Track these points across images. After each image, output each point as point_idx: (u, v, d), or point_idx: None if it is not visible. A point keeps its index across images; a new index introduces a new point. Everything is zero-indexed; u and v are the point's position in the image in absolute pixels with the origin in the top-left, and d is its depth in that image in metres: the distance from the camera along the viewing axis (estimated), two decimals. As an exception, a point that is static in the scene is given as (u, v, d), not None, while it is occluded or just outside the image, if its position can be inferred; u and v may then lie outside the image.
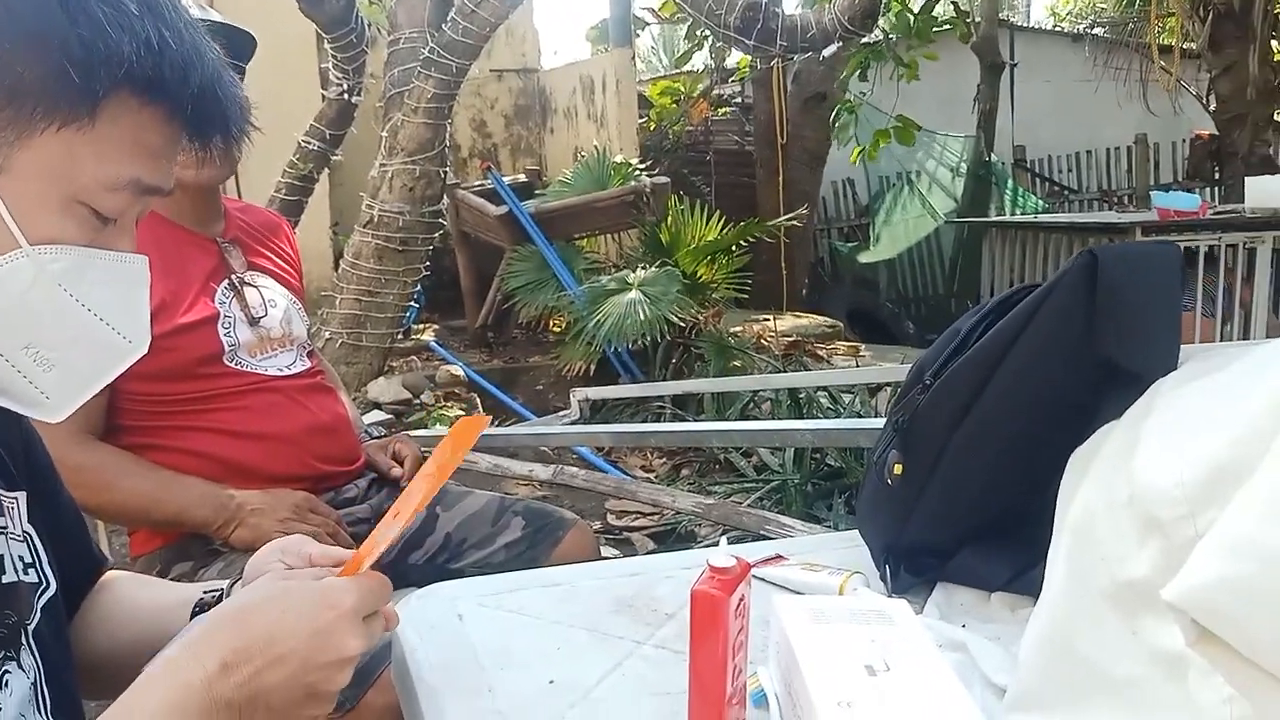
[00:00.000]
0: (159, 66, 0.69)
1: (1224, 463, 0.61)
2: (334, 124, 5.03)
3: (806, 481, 3.59)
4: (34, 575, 0.83)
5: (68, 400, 0.78)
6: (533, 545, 1.77)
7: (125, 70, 0.68)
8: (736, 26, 4.39)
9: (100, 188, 0.72)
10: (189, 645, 0.74)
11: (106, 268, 0.76)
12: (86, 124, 0.69)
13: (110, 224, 0.75)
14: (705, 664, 0.75)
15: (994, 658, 0.89)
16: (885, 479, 1.01)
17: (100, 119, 0.70)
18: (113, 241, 0.76)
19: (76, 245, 0.73)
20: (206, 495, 1.56)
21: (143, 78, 0.69)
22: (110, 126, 0.70)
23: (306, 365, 1.77)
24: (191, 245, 1.67)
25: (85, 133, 0.70)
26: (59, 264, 0.72)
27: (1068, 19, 16.03)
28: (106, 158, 0.71)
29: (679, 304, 5.05)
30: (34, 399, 0.76)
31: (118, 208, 0.74)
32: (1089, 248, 0.86)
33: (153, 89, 0.71)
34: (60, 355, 0.75)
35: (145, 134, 0.73)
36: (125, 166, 0.72)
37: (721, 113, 9.80)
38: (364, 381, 4.75)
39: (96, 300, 0.75)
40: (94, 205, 0.73)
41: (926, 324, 9.00)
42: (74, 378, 0.78)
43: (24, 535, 0.84)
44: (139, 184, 0.74)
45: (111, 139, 0.71)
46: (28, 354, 0.74)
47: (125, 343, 0.79)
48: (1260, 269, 5.53)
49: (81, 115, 0.69)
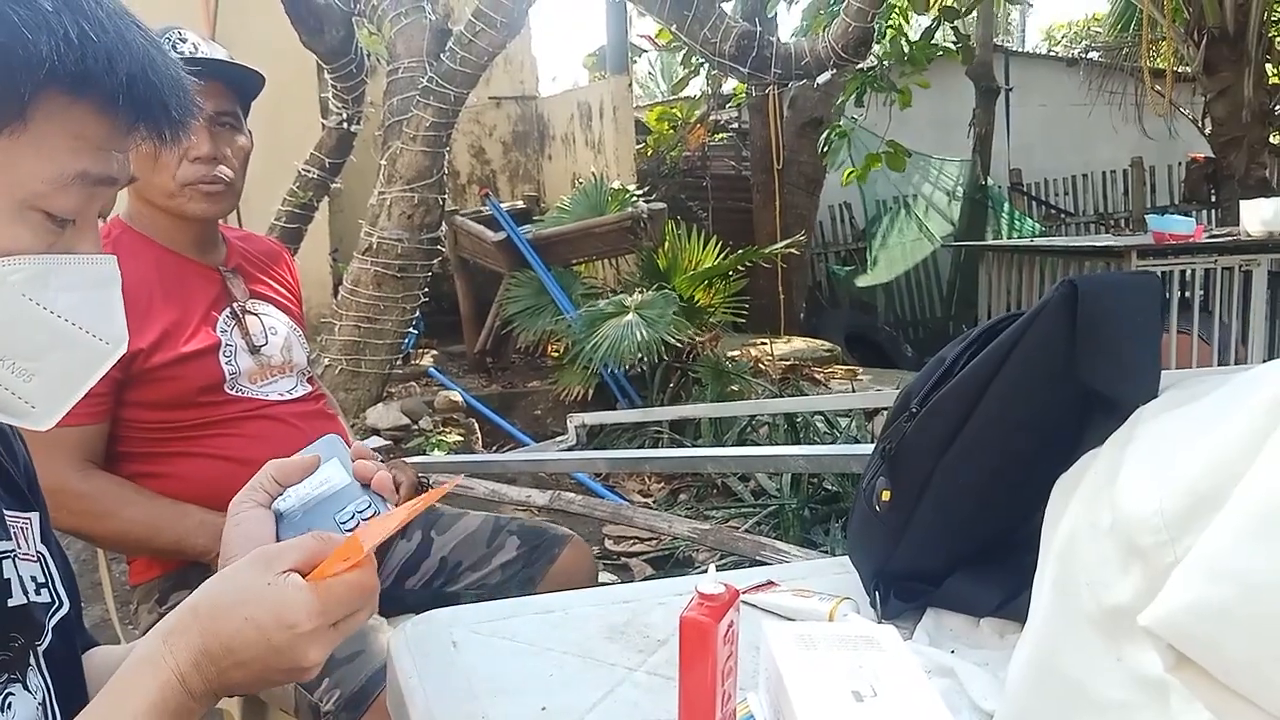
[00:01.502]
0: (82, 60, 0.69)
1: (1203, 489, 0.62)
2: (334, 152, 5.06)
3: (803, 506, 3.59)
4: (46, 595, 0.84)
5: (54, 407, 0.78)
6: (529, 564, 1.77)
7: (48, 69, 0.68)
8: (731, 55, 4.42)
9: (48, 188, 0.72)
10: (166, 638, 0.76)
11: (71, 272, 0.76)
12: (19, 127, 0.70)
13: (69, 226, 0.75)
14: (694, 690, 0.75)
15: (982, 683, 0.89)
16: (874, 506, 1.02)
17: (32, 120, 0.70)
18: (74, 244, 0.76)
19: (35, 253, 0.73)
20: (205, 523, 1.57)
21: (67, 74, 0.69)
22: (44, 126, 0.71)
23: (307, 391, 1.78)
24: (193, 274, 1.69)
25: (20, 136, 0.70)
26: (19, 274, 0.72)
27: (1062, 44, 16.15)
28: (47, 157, 0.71)
29: (676, 325, 5.06)
30: (19, 409, 0.76)
31: (72, 206, 0.74)
32: (1069, 277, 0.87)
33: (79, 84, 0.71)
34: (38, 365, 0.75)
35: (82, 128, 0.73)
36: (69, 162, 0.72)
37: (718, 138, 9.85)
38: (363, 407, 4.76)
39: (65, 306, 0.75)
40: (46, 208, 0.73)
41: (924, 347, 9.00)
42: (56, 384, 0.78)
43: (37, 555, 0.85)
44: (87, 176, 0.74)
45: (48, 138, 0.71)
46: (4, 366, 0.74)
47: (103, 345, 0.79)
48: (1256, 291, 5.55)
49: (12, 119, 0.69)
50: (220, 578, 0.79)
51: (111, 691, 0.74)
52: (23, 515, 0.85)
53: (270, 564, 0.78)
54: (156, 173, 1.61)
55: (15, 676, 0.77)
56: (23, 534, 0.84)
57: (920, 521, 0.99)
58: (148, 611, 1.65)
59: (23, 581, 0.81)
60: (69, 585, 0.90)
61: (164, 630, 0.77)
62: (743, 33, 4.45)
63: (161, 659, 0.75)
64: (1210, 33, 8.15)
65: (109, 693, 0.74)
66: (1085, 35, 15.42)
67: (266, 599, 0.76)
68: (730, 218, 8.73)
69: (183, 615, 0.77)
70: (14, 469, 0.88)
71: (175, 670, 0.74)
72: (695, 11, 4.44)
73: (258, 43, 4.11)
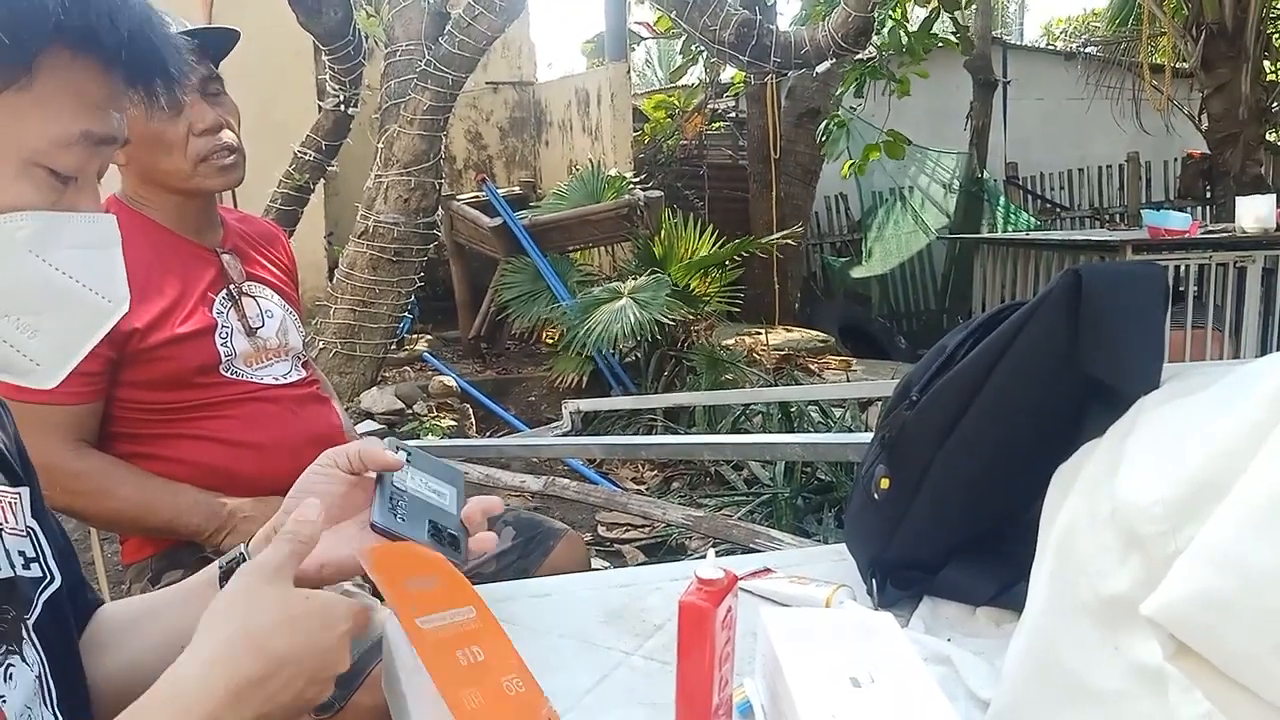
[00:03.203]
0: (85, 16, 0.70)
1: (1204, 479, 0.62)
2: (330, 135, 5.03)
3: (797, 495, 3.60)
4: (36, 570, 0.84)
5: (58, 365, 0.78)
6: (524, 555, 1.77)
7: (54, 24, 0.69)
8: (731, 43, 4.41)
9: (52, 146, 0.73)
10: (203, 665, 0.72)
11: (75, 229, 0.76)
12: (25, 84, 0.71)
13: (71, 184, 0.76)
14: (692, 675, 0.76)
15: (978, 672, 0.90)
16: (872, 493, 1.02)
17: (38, 77, 0.71)
18: (76, 202, 0.77)
19: (40, 209, 0.73)
20: (199, 503, 1.57)
21: (71, 29, 0.70)
22: (49, 83, 0.72)
23: (302, 375, 1.78)
24: (191, 255, 1.68)
25: (26, 93, 0.71)
26: (25, 230, 0.73)
27: (1061, 38, 16.15)
28: (52, 114, 0.72)
29: (668, 307, 5.06)
30: (24, 367, 0.76)
31: (75, 164, 0.75)
32: (1074, 266, 0.87)
33: (83, 40, 0.72)
34: (42, 321, 0.76)
35: (85, 86, 0.74)
36: (72, 121, 0.73)
37: (715, 127, 9.84)
38: (357, 391, 4.75)
39: (69, 263, 0.76)
40: (50, 165, 0.73)
41: (918, 339, 9.03)
42: (60, 342, 0.78)
43: (27, 530, 0.84)
44: (90, 135, 0.74)
45: (53, 95, 0.72)
46: (9, 322, 0.74)
47: (105, 303, 0.79)
48: (1250, 288, 5.56)
49: (19, 75, 0.70)
50: (254, 606, 0.77)
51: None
52: (11, 490, 0.85)
53: (284, 578, 0.79)
54: (168, 155, 1.60)
55: (13, 648, 0.77)
56: (11, 509, 0.83)
57: (918, 510, 0.99)
58: (140, 590, 1.65)
59: (9, 555, 0.80)
60: (64, 560, 0.89)
61: (206, 657, 0.73)
62: (742, 20, 4.43)
63: (191, 691, 0.71)
64: (1209, 28, 8.15)
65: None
66: (1084, 29, 15.41)
67: (312, 607, 0.77)
68: (726, 207, 8.73)
69: (221, 640, 0.74)
70: (5, 444, 0.87)
71: (204, 703, 0.70)
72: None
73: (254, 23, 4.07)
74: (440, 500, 0.97)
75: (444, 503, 0.97)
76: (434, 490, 0.97)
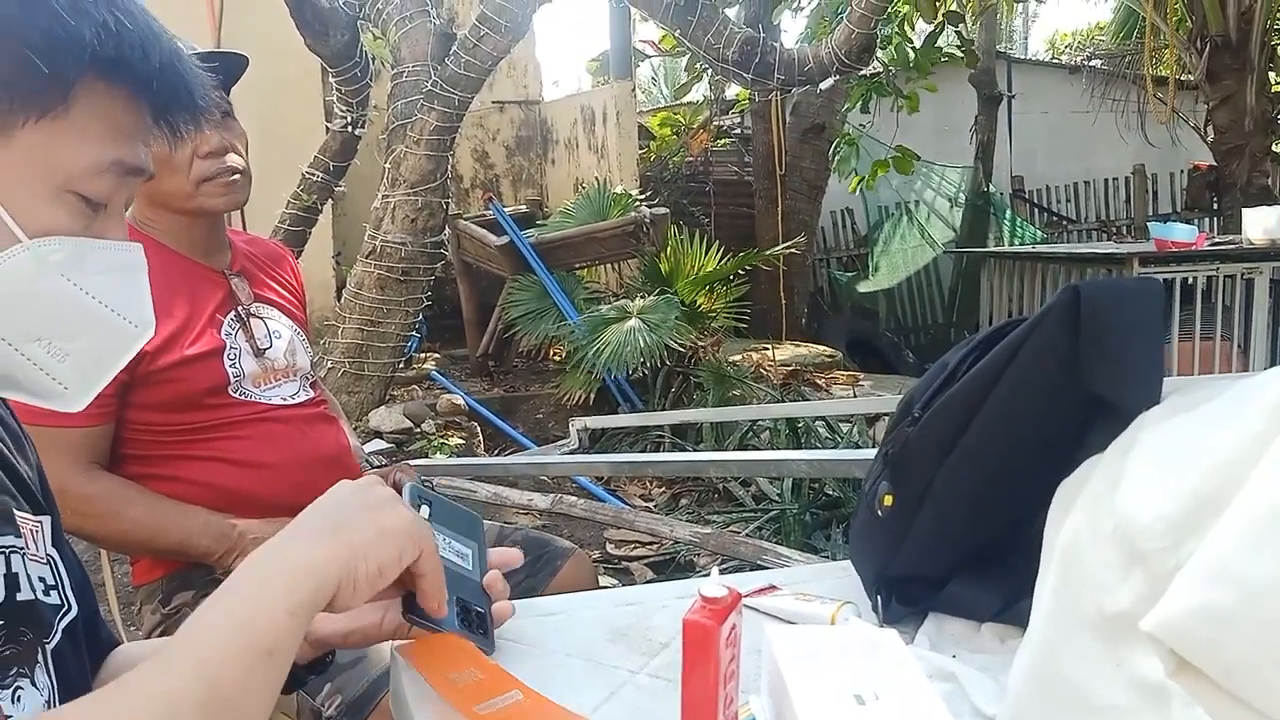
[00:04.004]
0: (120, 48, 0.72)
1: (1205, 494, 0.62)
2: (338, 156, 5.07)
3: (805, 511, 3.60)
4: (55, 597, 0.84)
5: (85, 389, 0.79)
6: (531, 574, 1.77)
7: (89, 54, 0.70)
8: (735, 60, 4.44)
9: (86, 173, 0.74)
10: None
11: (104, 255, 0.77)
12: (61, 112, 0.72)
13: (101, 211, 0.77)
14: (697, 692, 0.76)
15: (983, 688, 0.90)
16: (876, 510, 1.02)
17: (74, 105, 0.72)
18: (105, 229, 0.78)
19: (73, 235, 0.75)
20: (209, 524, 1.58)
21: (106, 60, 0.71)
22: (84, 111, 0.73)
23: (310, 395, 1.79)
24: (200, 277, 1.69)
25: (62, 121, 0.72)
26: (59, 254, 0.74)
27: (1065, 52, 16.17)
28: (87, 142, 0.73)
29: (678, 330, 5.07)
30: (52, 390, 0.77)
31: (105, 192, 0.76)
32: (1072, 283, 0.88)
33: (116, 70, 0.73)
34: (71, 345, 0.77)
35: (117, 115, 0.75)
36: (105, 149, 0.74)
37: (721, 144, 9.86)
38: (365, 410, 4.76)
39: (99, 287, 0.77)
40: (83, 192, 0.74)
41: (925, 353, 9.01)
42: (88, 366, 0.79)
43: (47, 558, 0.85)
44: (122, 165, 0.76)
45: (88, 123, 0.73)
46: (40, 346, 0.75)
47: (132, 328, 0.81)
48: (1258, 300, 5.55)
49: (55, 104, 0.71)
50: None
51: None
52: (34, 519, 0.85)
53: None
54: (171, 176, 1.61)
55: (24, 671, 0.78)
56: (33, 537, 0.84)
57: (922, 525, 0.99)
58: (151, 612, 1.66)
59: (30, 579, 0.81)
60: (81, 590, 0.90)
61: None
62: (746, 38, 4.46)
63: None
64: (1213, 41, 8.16)
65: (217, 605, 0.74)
66: (1088, 43, 15.43)
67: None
68: (732, 223, 8.74)
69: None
70: (28, 471, 0.88)
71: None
72: (699, 17, 4.45)
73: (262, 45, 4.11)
74: (464, 566, 0.97)
75: (467, 568, 0.97)
76: (457, 553, 0.97)
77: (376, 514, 0.81)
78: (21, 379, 0.76)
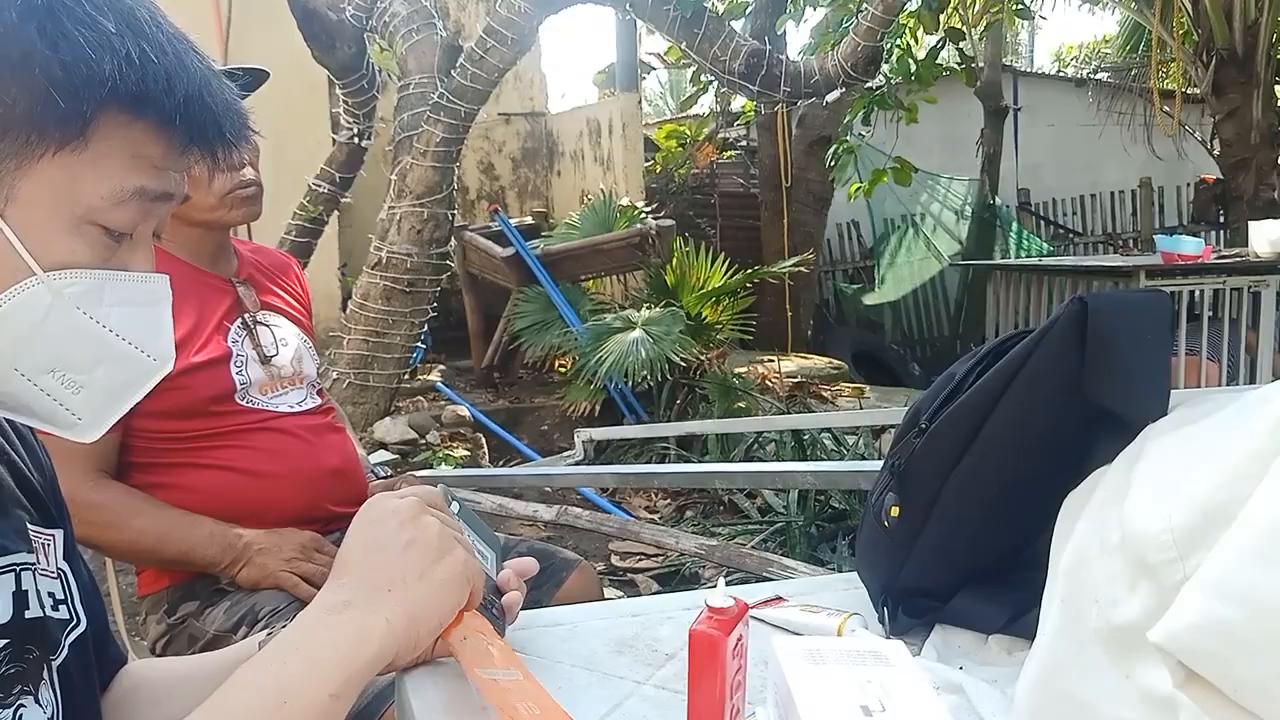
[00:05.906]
0: (143, 81, 0.70)
1: (1212, 506, 0.62)
2: (344, 167, 5.09)
3: (810, 523, 3.59)
4: (64, 612, 0.84)
5: (99, 420, 0.79)
6: (536, 586, 1.77)
7: (110, 88, 0.69)
8: (740, 73, 4.45)
9: (106, 204, 0.73)
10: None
11: (124, 288, 0.76)
12: (80, 145, 0.71)
13: (125, 240, 0.76)
14: (703, 704, 0.76)
15: (990, 700, 0.89)
16: (883, 521, 1.02)
17: (93, 138, 0.71)
18: (129, 260, 0.77)
19: (91, 268, 0.74)
20: (214, 534, 1.58)
21: (127, 94, 0.70)
22: (104, 144, 0.72)
23: (317, 403, 1.79)
24: (206, 285, 1.70)
25: (81, 153, 0.71)
26: (75, 288, 0.73)
27: (1071, 65, 16.18)
28: (107, 174, 0.72)
29: (681, 343, 5.07)
30: (66, 421, 0.77)
31: (128, 221, 0.75)
32: (1079, 295, 0.88)
33: (139, 103, 0.72)
34: (86, 377, 0.76)
35: (141, 147, 0.74)
36: (126, 178, 0.73)
37: (727, 156, 9.88)
38: (371, 421, 4.77)
39: (117, 321, 0.76)
40: (103, 223, 0.74)
41: (931, 366, 9.00)
42: (103, 397, 0.78)
43: (58, 572, 0.85)
44: (145, 192, 0.75)
45: (108, 156, 0.72)
46: (54, 378, 0.74)
47: (150, 361, 0.80)
48: (1265, 312, 5.54)
49: (74, 137, 0.70)
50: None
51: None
52: (46, 532, 0.85)
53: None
54: (194, 191, 1.63)
55: (28, 689, 0.77)
56: (44, 550, 0.84)
57: (928, 537, 0.99)
58: (156, 622, 1.66)
59: (40, 596, 0.81)
60: (91, 603, 0.90)
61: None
62: (752, 51, 4.47)
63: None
64: (1219, 54, 8.16)
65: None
66: (1094, 56, 15.45)
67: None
68: (738, 235, 8.75)
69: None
70: (41, 484, 0.88)
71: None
72: (705, 29, 4.47)
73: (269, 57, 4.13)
74: (485, 565, 0.98)
75: (489, 567, 0.99)
76: (480, 553, 0.98)
77: (431, 563, 0.83)
78: (36, 408, 0.76)
